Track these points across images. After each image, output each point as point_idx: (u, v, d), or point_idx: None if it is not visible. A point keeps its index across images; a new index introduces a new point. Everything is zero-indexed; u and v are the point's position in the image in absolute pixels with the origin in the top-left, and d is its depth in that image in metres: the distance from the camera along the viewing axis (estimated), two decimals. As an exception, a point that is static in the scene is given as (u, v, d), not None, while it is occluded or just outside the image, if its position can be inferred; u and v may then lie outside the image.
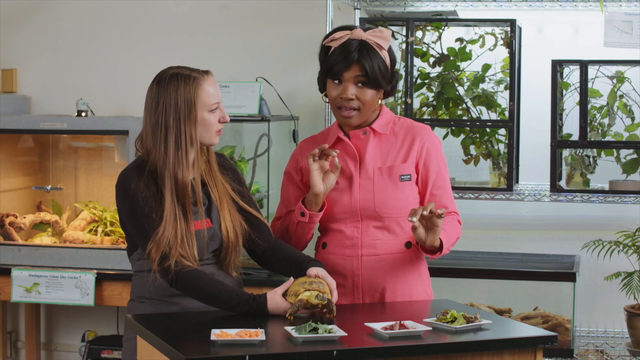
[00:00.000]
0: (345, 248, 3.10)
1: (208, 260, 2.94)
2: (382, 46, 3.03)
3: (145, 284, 2.92)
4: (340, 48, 3.03)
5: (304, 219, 3.08)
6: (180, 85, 2.86)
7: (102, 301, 4.36)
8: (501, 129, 4.36)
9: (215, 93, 2.91)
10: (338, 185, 3.10)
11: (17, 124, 4.55)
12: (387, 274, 3.09)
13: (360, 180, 3.09)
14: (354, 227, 3.09)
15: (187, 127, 2.86)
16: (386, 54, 3.06)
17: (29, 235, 4.67)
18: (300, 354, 2.40)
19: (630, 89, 4.29)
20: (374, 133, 3.12)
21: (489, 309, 4.24)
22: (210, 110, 2.90)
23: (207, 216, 2.94)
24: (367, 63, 3.00)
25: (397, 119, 3.18)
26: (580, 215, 4.55)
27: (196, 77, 2.88)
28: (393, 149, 3.11)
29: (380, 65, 3.02)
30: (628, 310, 4.23)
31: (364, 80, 3.02)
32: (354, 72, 3.01)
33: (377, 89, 3.05)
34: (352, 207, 3.08)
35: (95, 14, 4.99)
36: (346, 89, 3.03)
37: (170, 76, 2.89)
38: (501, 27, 4.37)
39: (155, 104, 2.88)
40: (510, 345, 2.62)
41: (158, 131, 2.87)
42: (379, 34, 3.04)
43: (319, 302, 2.76)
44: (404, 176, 3.09)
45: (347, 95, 3.03)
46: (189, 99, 2.86)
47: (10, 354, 5.10)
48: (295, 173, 3.21)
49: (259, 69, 4.71)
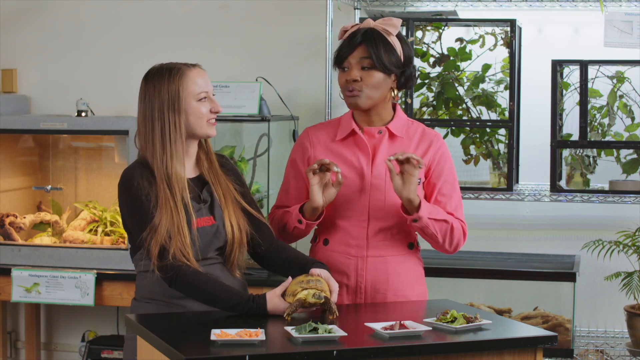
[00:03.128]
0: (350, 247, 3.09)
1: (213, 260, 2.93)
2: (389, 32, 3.04)
3: (150, 284, 2.91)
4: (348, 37, 3.06)
5: (301, 226, 3.08)
6: (164, 77, 2.89)
7: (102, 301, 4.36)
8: (501, 129, 4.36)
9: (202, 83, 2.91)
10: (349, 182, 3.07)
11: (17, 124, 4.55)
12: (391, 275, 3.09)
13: (372, 180, 3.07)
14: (361, 226, 3.08)
15: (172, 117, 2.87)
16: (395, 39, 3.05)
17: (29, 235, 4.67)
18: (300, 354, 2.40)
19: (630, 89, 4.29)
20: (389, 134, 3.11)
21: (489, 309, 4.24)
22: (198, 100, 2.90)
23: (209, 213, 2.94)
24: (372, 45, 3.00)
25: (411, 122, 3.17)
26: (580, 215, 4.55)
27: (181, 67, 2.91)
28: (406, 151, 3.10)
29: (386, 48, 3.02)
30: (628, 310, 4.23)
31: (369, 63, 3.02)
32: (358, 54, 3.02)
33: (384, 72, 3.04)
34: (361, 206, 3.07)
35: (95, 14, 4.99)
36: (351, 70, 3.03)
37: (156, 71, 2.93)
38: (501, 27, 4.37)
39: (142, 99, 2.92)
40: (510, 345, 2.62)
41: (146, 124, 2.90)
42: (387, 21, 3.06)
43: (315, 300, 2.75)
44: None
45: (352, 77, 3.02)
46: (174, 89, 2.87)
47: (10, 354, 5.10)
48: (302, 163, 3.17)
49: (259, 69, 4.71)
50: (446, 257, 4.32)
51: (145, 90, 2.92)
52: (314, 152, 3.14)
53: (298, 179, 3.16)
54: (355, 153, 3.09)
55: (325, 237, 3.13)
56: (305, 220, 3.05)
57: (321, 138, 3.14)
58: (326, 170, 3.01)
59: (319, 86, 4.51)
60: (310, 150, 3.15)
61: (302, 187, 3.15)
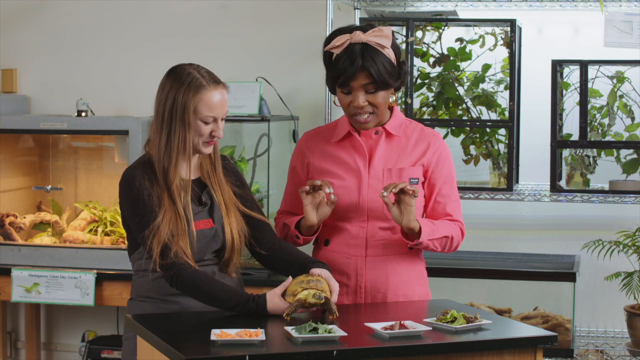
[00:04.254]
0: (350, 247, 3.09)
1: (209, 261, 2.94)
2: (384, 45, 3.00)
3: (145, 283, 2.93)
4: (344, 55, 2.98)
5: (299, 241, 3.12)
6: (183, 85, 2.86)
7: (102, 301, 4.36)
8: (501, 129, 4.36)
9: (214, 107, 2.87)
10: (346, 183, 3.07)
11: (17, 124, 4.55)
12: (391, 274, 3.09)
13: (369, 180, 3.07)
14: (360, 226, 3.08)
15: (179, 127, 2.86)
16: (390, 51, 3.01)
17: (29, 235, 4.67)
18: (300, 354, 2.40)
19: (630, 89, 4.29)
20: (386, 134, 3.11)
21: (489, 309, 4.24)
22: (205, 122, 2.89)
23: (209, 216, 2.94)
24: (373, 68, 2.95)
25: (409, 122, 3.16)
26: (580, 215, 4.55)
27: (200, 84, 2.86)
28: (404, 152, 3.10)
29: (386, 66, 2.98)
30: (628, 310, 4.23)
31: (373, 87, 2.99)
32: (361, 80, 2.97)
33: (387, 90, 3.03)
34: (359, 207, 3.07)
35: (95, 14, 4.99)
36: (356, 97, 3.00)
37: (180, 72, 2.89)
38: (501, 27, 4.37)
39: (160, 91, 2.90)
40: (510, 345, 2.62)
41: (159, 120, 2.89)
42: (379, 34, 3.00)
43: (315, 301, 2.75)
44: (413, 179, 3.07)
45: (359, 104, 3.00)
46: (185, 102, 2.85)
47: (10, 354, 5.10)
48: (302, 169, 3.18)
49: (259, 69, 4.71)
50: (446, 257, 4.33)
51: (164, 85, 2.90)
52: (313, 158, 3.14)
53: (298, 186, 3.17)
54: (352, 155, 3.10)
55: (326, 238, 3.14)
56: (303, 237, 3.08)
57: (318, 143, 3.15)
58: (319, 189, 3.01)
59: (319, 86, 4.51)
60: (309, 156, 3.16)
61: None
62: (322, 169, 3.12)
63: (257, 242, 3.01)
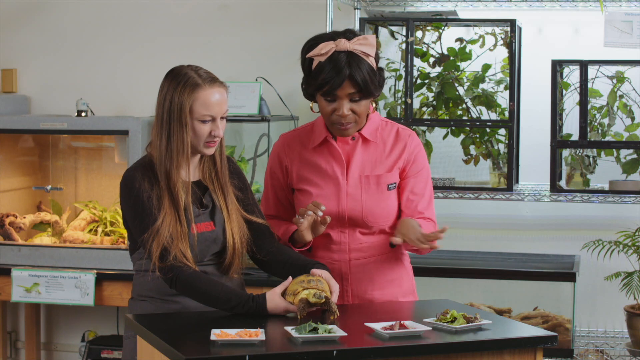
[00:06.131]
0: (333, 253, 3.10)
1: (210, 261, 2.94)
2: (368, 53, 2.96)
3: (146, 282, 2.92)
4: (329, 64, 2.94)
5: None
6: (179, 86, 2.85)
7: (102, 301, 4.36)
8: (501, 129, 4.36)
9: (211, 106, 2.86)
10: (324, 192, 3.07)
11: (17, 124, 4.56)
12: (375, 274, 3.09)
13: (347, 189, 3.06)
14: (340, 232, 3.08)
15: (177, 129, 2.85)
16: (372, 59, 2.98)
17: (29, 235, 4.67)
18: (300, 354, 2.40)
19: (630, 89, 4.29)
20: (362, 139, 3.10)
21: (489, 309, 4.25)
22: (202, 121, 2.88)
23: (210, 219, 2.93)
24: (359, 76, 2.92)
25: (385, 124, 3.14)
26: (580, 215, 4.55)
27: (196, 83, 2.85)
28: (381, 157, 3.09)
29: (370, 74, 2.95)
30: (628, 310, 4.23)
31: (359, 96, 2.96)
32: (347, 89, 2.94)
33: (370, 98, 3.02)
34: (339, 215, 3.06)
35: (95, 14, 4.99)
36: (341, 106, 2.97)
37: (177, 73, 2.88)
38: (501, 27, 4.37)
39: (160, 95, 2.89)
40: (510, 345, 2.62)
41: (159, 123, 2.88)
42: (364, 42, 2.96)
43: (316, 300, 2.75)
44: (391, 185, 3.08)
45: (344, 113, 2.97)
46: (181, 102, 2.84)
47: (10, 354, 5.10)
48: (281, 172, 3.15)
49: (259, 69, 4.71)
50: (446, 257, 4.33)
51: (162, 87, 2.89)
52: (291, 164, 3.13)
53: (276, 188, 3.16)
54: (329, 162, 3.08)
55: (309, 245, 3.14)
56: (296, 249, 3.08)
57: (295, 147, 3.13)
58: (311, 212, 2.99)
59: (319, 86, 4.50)
60: (286, 160, 3.14)
61: (281, 197, 3.17)
62: (301, 176, 3.11)
63: (257, 248, 3.00)
